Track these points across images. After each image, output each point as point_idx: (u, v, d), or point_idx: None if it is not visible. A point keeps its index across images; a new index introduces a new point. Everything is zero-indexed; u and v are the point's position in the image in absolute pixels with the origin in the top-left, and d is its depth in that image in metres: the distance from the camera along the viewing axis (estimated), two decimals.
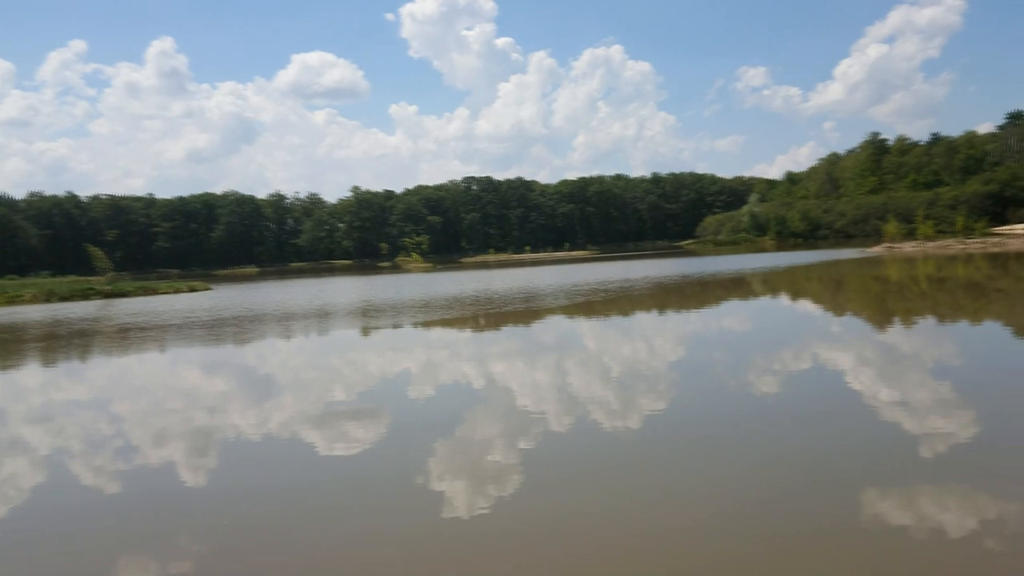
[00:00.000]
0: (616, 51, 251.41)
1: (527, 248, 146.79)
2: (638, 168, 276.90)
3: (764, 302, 27.61)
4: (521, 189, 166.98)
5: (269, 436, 10.31)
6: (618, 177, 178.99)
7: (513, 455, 8.70)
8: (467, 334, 21.68)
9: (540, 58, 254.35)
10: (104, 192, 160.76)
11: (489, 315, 25.91)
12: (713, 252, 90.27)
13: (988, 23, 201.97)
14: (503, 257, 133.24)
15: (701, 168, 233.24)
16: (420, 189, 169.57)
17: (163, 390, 14.58)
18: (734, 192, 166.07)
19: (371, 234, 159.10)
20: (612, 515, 6.62)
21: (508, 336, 20.60)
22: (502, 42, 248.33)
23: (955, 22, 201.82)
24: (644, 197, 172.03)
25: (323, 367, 16.77)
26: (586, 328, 21.69)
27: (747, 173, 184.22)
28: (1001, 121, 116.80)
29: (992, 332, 16.75)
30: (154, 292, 52.62)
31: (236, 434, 10.57)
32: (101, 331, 27.49)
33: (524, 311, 26.50)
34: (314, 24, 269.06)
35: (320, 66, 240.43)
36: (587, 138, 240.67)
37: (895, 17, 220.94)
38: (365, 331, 23.50)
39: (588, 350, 17.08)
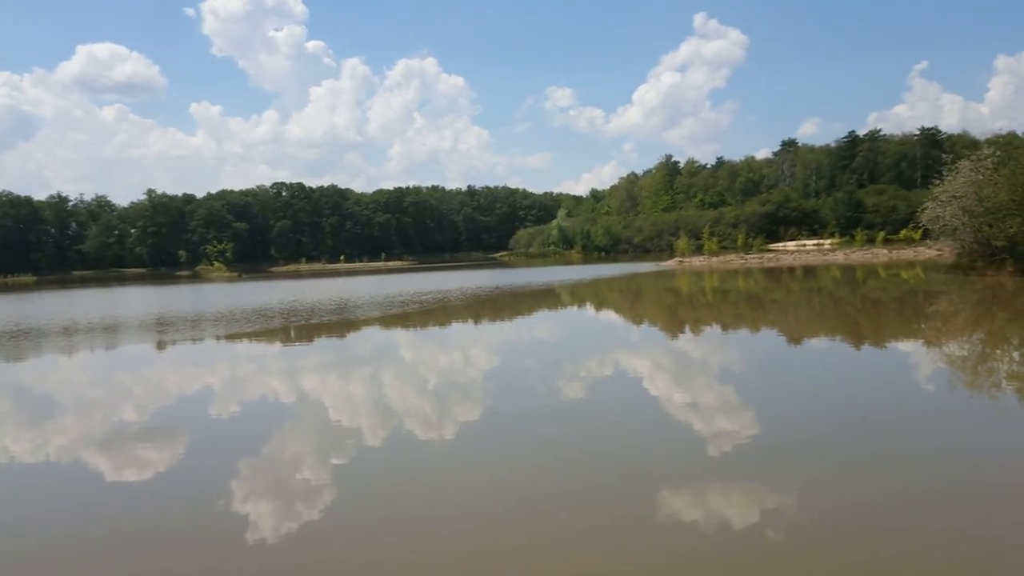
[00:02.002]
0: (431, 63, 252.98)
1: (342, 258, 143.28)
2: (454, 180, 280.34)
3: (572, 312, 28.92)
4: (335, 197, 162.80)
5: (47, 461, 9.19)
6: (434, 188, 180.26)
7: (325, 472, 8.40)
8: (276, 348, 20.72)
9: (354, 65, 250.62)
10: None
11: (300, 327, 24.95)
12: (525, 264, 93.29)
13: (766, 58, 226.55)
14: (316, 267, 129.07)
15: (514, 182, 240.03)
16: (224, 194, 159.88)
17: None
18: (544, 207, 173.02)
19: (168, 241, 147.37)
20: (424, 528, 6.56)
21: (320, 348, 19.93)
22: (313, 46, 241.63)
23: (738, 56, 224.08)
24: (460, 209, 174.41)
25: (112, 385, 15.26)
26: (402, 339, 21.52)
27: (556, 189, 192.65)
28: (776, 148, 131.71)
29: (769, 339, 18.66)
30: None
31: (6, 459, 9.30)
32: None
33: (338, 322, 25.79)
34: (104, 13, 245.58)
35: (110, 59, 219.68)
36: (403, 148, 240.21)
37: (686, 48, 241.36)
38: (160, 345, 21.69)
39: (404, 361, 16.94)
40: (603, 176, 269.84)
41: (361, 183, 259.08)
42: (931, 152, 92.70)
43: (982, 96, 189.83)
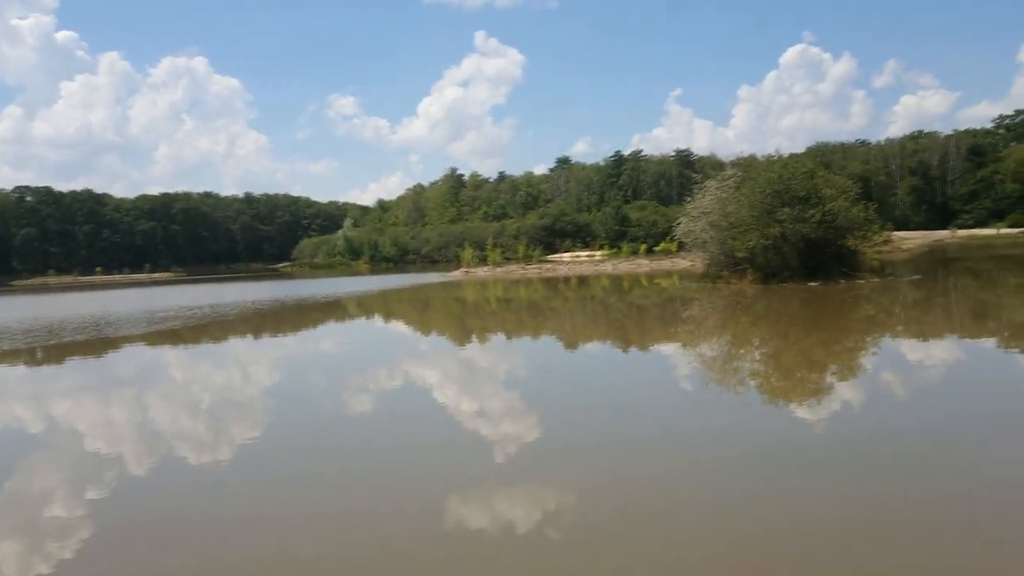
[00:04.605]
0: (200, 63, 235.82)
1: (98, 269, 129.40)
2: (230, 187, 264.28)
3: (360, 324, 28.48)
4: (91, 203, 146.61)
5: None
6: (207, 195, 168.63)
7: (80, 507, 7.54)
8: (20, 370, 18.25)
9: (112, 59, 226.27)
10: None
11: (48, 347, 22.17)
12: (310, 275, 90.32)
13: (542, 79, 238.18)
14: (68, 279, 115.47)
15: (296, 190, 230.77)
16: None
17: None
18: (330, 216, 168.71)
19: None
20: (196, 567, 6.13)
21: (74, 370, 17.85)
22: (64, 37, 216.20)
23: (517, 74, 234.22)
24: (237, 217, 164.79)
25: None
26: (171, 358, 19.89)
27: (342, 198, 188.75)
28: (552, 164, 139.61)
29: (548, 344, 19.66)
30: None
31: None
32: None
33: (95, 341, 23.23)
34: None
35: None
36: (171, 151, 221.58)
37: (468, 64, 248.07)
38: None
39: (174, 381, 15.69)
40: (390, 186, 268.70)
41: (122, 188, 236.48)
42: (685, 172, 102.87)
43: (728, 122, 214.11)
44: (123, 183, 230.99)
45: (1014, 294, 26.18)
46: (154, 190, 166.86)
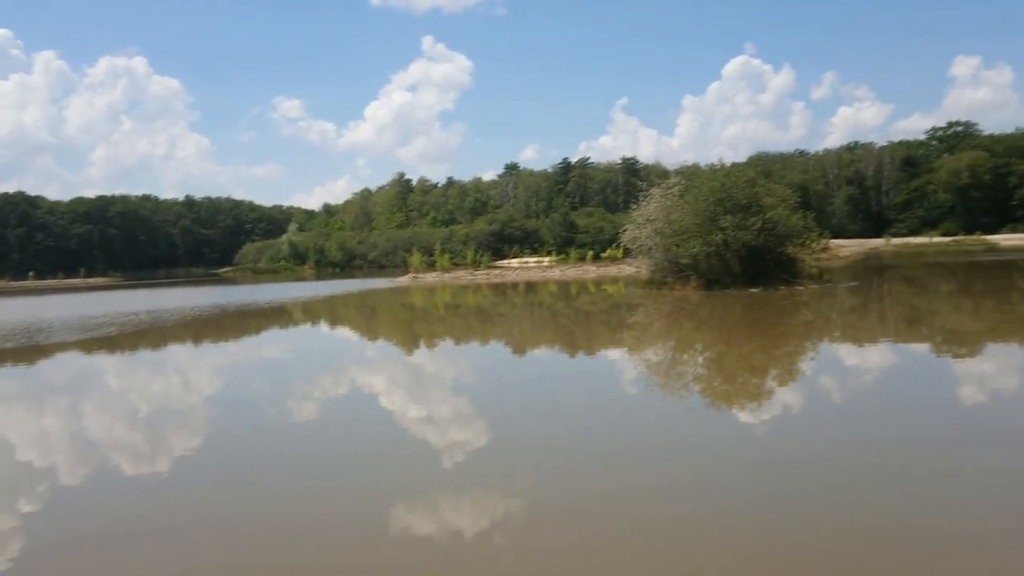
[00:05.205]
0: (140, 63, 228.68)
1: (31, 274, 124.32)
2: (170, 190, 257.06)
3: (305, 330, 28.06)
4: (23, 205, 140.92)
5: None
6: (146, 198, 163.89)
7: (11, 519, 7.26)
8: None
9: (48, 59, 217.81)
10: None
11: None
12: (253, 280, 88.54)
13: (490, 85, 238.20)
14: None
15: (239, 194, 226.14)
16: None
17: None
18: (274, 220, 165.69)
19: None
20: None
21: (3, 378, 17.16)
22: None
23: (465, 80, 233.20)
24: (177, 221, 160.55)
25: None
26: (108, 365, 19.29)
27: (287, 202, 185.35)
28: (501, 170, 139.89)
29: (496, 350, 19.70)
30: None
31: None
32: None
33: (26, 348, 22.36)
34: None
35: None
36: (108, 152, 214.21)
37: (416, 69, 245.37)
38: None
39: (110, 389, 15.22)
40: (336, 190, 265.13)
41: (55, 190, 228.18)
42: (631, 179, 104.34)
43: (672, 131, 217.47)
44: (57, 185, 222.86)
45: (945, 300, 27.29)
46: (90, 193, 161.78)
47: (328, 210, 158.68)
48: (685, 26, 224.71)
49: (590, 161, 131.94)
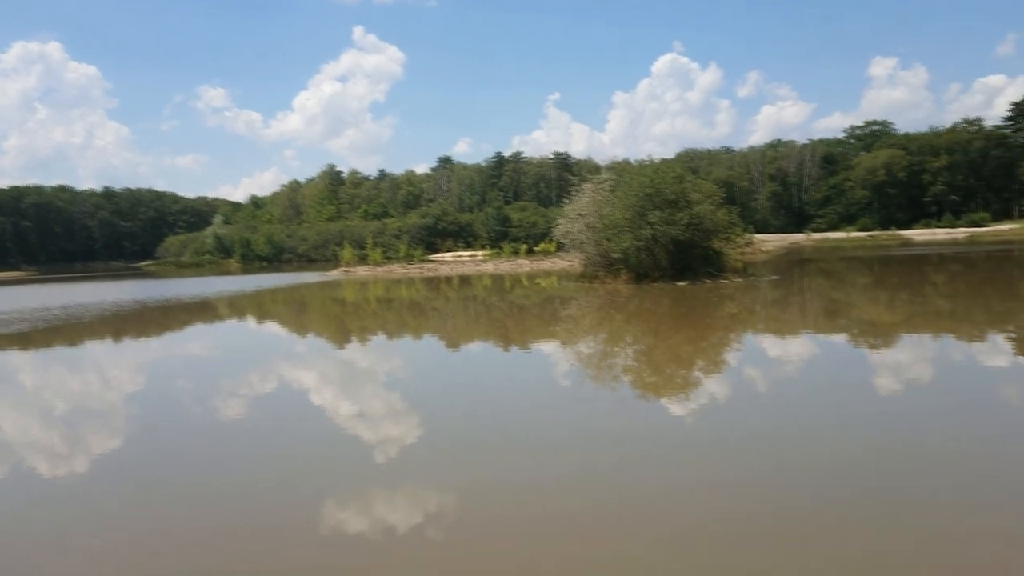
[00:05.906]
0: (55, 48, 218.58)
1: None
2: (87, 180, 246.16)
3: (231, 325, 27.32)
4: None
5: None
6: (62, 189, 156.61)
7: None
8: None
9: None
10: None
11: None
12: (176, 274, 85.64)
13: (422, 77, 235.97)
14: None
15: (161, 185, 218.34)
16: None
17: None
18: (198, 212, 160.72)
19: None
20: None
21: None
22: None
23: (397, 72, 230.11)
24: (95, 213, 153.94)
25: None
26: (20, 362, 18.37)
27: (212, 194, 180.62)
28: (434, 163, 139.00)
29: (430, 344, 19.60)
30: None
31: None
32: None
33: None
34: None
35: None
36: (21, 141, 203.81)
37: (347, 59, 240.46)
38: None
39: (23, 388, 14.51)
40: (264, 182, 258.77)
41: None
42: (563, 174, 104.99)
43: (604, 126, 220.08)
44: None
45: (862, 293, 28.51)
46: (3, 183, 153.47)
47: (255, 202, 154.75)
48: (615, 22, 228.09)
49: (523, 155, 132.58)
